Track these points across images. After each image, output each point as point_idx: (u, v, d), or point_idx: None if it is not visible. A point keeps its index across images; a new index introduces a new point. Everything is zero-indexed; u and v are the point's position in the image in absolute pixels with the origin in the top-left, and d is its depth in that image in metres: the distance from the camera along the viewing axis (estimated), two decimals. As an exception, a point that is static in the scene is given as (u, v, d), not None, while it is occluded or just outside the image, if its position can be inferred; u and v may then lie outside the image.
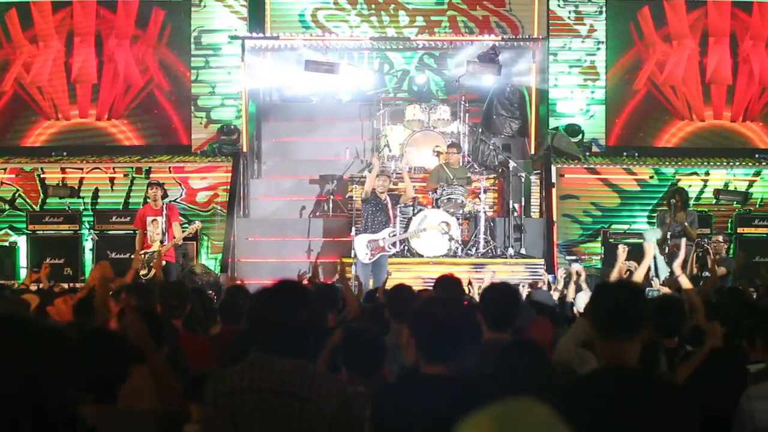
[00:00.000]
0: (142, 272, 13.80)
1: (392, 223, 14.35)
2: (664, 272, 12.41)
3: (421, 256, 14.79)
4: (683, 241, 13.87)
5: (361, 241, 14.16)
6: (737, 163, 17.18)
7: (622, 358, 3.68)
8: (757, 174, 17.16)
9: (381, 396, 4.10)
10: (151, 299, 7.34)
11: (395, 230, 14.39)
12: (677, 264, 8.63)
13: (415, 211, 15.04)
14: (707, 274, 14.00)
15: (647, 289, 10.09)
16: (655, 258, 12.97)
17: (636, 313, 3.73)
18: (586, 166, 17.08)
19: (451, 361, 4.06)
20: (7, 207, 17.31)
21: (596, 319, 3.75)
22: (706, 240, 14.67)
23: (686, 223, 14.51)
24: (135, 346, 4.30)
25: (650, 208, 16.77)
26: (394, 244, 14.26)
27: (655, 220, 15.74)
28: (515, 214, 15.79)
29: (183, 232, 14.57)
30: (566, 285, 12.64)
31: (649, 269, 8.96)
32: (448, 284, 6.73)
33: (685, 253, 14.06)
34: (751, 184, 17.13)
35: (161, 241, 14.52)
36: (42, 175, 17.33)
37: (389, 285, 11.25)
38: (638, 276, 7.61)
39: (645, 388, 3.65)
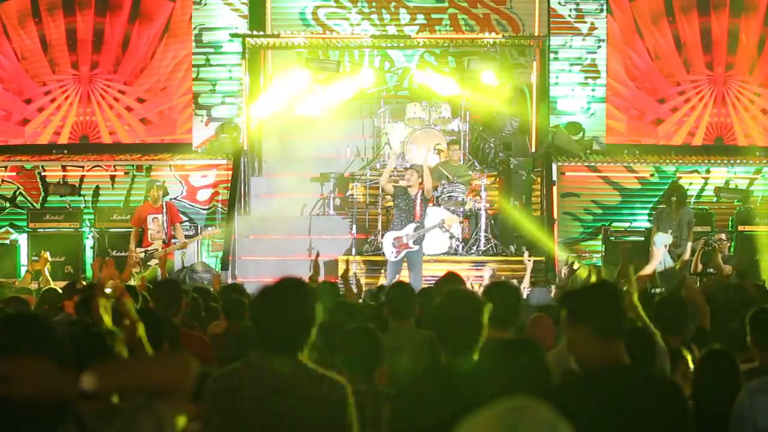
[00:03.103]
0: (135, 270, 13.79)
1: (418, 219, 14.13)
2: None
3: (423, 253, 14.76)
4: (688, 245, 13.95)
5: (387, 239, 14.05)
6: (738, 161, 17.17)
7: (618, 357, 3.70)
8: (758, 172, 17.14)
9: (404, 390, 4.12)
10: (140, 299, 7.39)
11: (418, 224, 14.16)
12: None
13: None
14: (711, 270, 13.99)
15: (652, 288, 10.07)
16: (664, 263, 13.00)
17: (624, 313, 3.82)
18: (586, 164, 17.06)
19: (471, 353, 4.09)
20: (7, 205, 17.32)
21: (598, 320, 3.74)
22: (713, 238, 14.67)
23: (686, 223, 14.53)
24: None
25: (651, 205, 16.76)
26: (416, 241, 14.04)
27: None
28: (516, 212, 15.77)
29: (191, 237, 14.87)
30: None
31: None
32: (450, 282, 6.72)
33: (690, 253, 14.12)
34: (751, 182, 17.12)
35: (164, 241, 14.55)
36: (43, 173, 17.32)
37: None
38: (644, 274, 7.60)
39: (641, 385, 3.66)
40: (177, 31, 17.76)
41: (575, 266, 12.41)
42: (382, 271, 14.55)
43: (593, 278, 6.50)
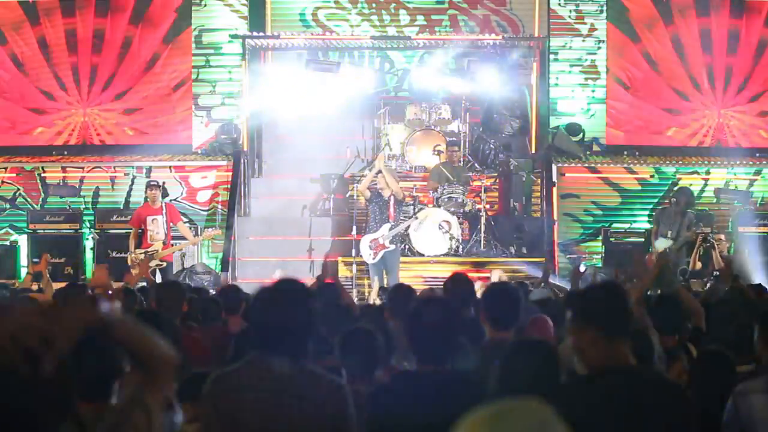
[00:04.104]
0: (135, 271, 13.77)
1: (392, 220, 14.31)
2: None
3: (422, 255, 14.79)
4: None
5: (364, 242, 14.21)
6: (738, 162, 17.17)
7: (624, 358, 3.70)
8: (758, 173, 17.15)
9: (375, 397, 4.12)
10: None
11: (392, 224, 14.33)
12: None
13: (416, 210, 15.04)
14: (717, 272, 13.96)
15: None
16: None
17: (630, 313, 3.81)
18: (586, 165, 17.07)
19: (444, 361, 4.07)
20: (7, 206, 17.32)
21: (603, 320, 3.73)
22: (711, 235, 14.66)
23: (686, 226, 14.53)
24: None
25: (651, 206, 16.76)
26: (392, 241, 14.19)
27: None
28: (516, 213, 15.78)
29: (196, 236, 14.99)
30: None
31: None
32: (459, 283, 6.72)
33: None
34: (751, 183, 17.13)
35: (164, 242, 14.52)
36: (43, 174, 17.33)
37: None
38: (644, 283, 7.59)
39: (647, 387, 3.66)
40: (179, 36, 17.77)
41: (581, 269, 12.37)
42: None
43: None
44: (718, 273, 13.48)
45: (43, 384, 2.46)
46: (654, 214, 15.68)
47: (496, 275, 12.76)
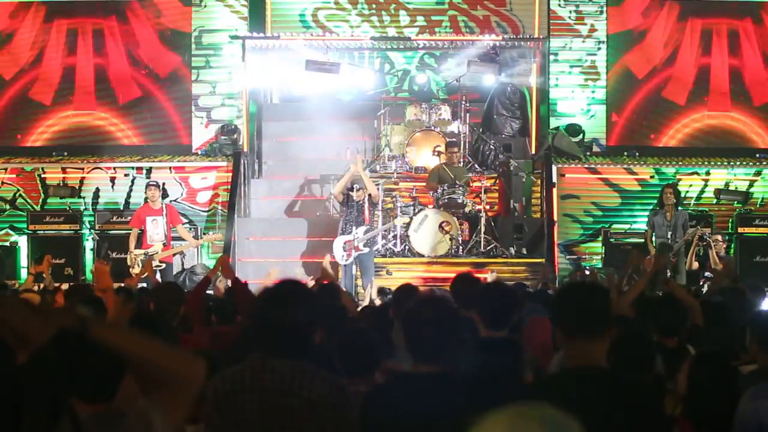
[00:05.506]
0: (135, 272, 13.77)
1: (367, 223, 14.38)
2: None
3: (422, 255, 14.79)
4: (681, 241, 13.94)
5: (338, 243, 14.30)
6: (738, 163, 17.17)
7: (590, 357, 3.67)
8: (758, 174, 17.15)
9: (371, 397, 4.12)
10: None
11: (368, 227, 14.40)
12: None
13: (416, 210, 15.04)
14: (708, 273, 13.96)
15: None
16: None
17: (602, 313, 3.74)
18: (586, 165, 17.07)
19: (441, 361, 4.07)
20: (7, 207, 17.32)
21: (563, 319, 3.74)
22: (708, 234, 14.64)
23: (681, 225, 14.52)
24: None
25: (651, 207, 16.75)
26: (366, 243, 14.25)
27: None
28: (516, 213, 15.78)
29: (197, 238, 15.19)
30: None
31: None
32: (466, 283, 6.72)
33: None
34: (751, 183, 17.12)
35: (164, 243, 14.52)
36: (43, 175, 17.33)
37: (394, 284, 11.33)
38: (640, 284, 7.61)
39: (611, 387, 3.63)
40: (179, 36, 17.79)
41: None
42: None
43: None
44: (710, 274, 13.50)
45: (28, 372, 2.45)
46: (648, 217, 15.63)
47: (491, 275, 12.79)
